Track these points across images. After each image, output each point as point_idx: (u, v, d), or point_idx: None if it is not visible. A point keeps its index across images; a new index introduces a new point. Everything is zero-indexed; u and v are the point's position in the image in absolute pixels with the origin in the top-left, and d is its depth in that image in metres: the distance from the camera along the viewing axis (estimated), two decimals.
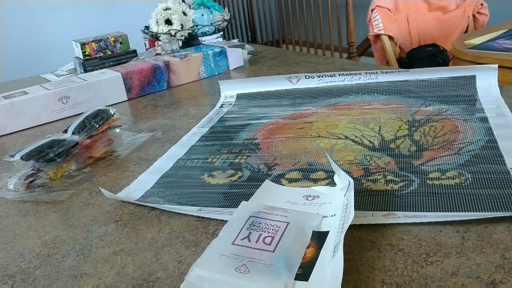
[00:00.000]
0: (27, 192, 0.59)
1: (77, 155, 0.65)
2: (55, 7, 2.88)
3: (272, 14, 3.85)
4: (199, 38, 1.30)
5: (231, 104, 0.86)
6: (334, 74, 0.84)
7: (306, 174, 0.55)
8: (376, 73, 0.82)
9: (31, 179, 0.61)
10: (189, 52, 1.12)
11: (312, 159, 0.59)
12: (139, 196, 0.55)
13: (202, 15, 1.29)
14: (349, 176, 0.47)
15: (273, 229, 0.42)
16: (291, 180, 0.55)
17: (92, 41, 1.22)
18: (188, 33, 1.27)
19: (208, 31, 1.31)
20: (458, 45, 1.74)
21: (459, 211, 0.44)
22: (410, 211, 0.45)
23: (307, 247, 0.40)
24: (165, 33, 1.25)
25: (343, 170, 0.51)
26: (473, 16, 2.27)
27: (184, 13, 1.25)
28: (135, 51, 1.29)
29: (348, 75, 0.83)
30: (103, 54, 1.24)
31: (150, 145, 0.72)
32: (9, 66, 2.58)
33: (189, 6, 1.29)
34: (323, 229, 0.43)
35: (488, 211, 0.43)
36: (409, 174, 0.52)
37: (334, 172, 0.53)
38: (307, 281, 0.37)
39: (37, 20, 2.86)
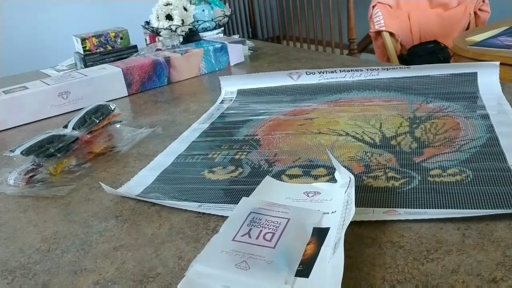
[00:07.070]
0: (27, 187, 0.59)
1: (77, 150, 0.65)
2: (55, 2, 2.88)
3: (272, 10, 3.85)
4: (200, 33, 1.29)
5: (231, 100, 0.86)
6: (335, 71, 0.84)
7: (306, 171, 0.55)
8: (377, 69, 0.82)
9: (31, 174, 0.60)
10: (190, 48, 1.11)
11: (313, 155, 0.59)
12: (139, 192, 0.55)
13: (203, 10, 1.29)
14: (350, 172, 0.47)
15: (273, 226, 0.42)
16: (291, 177, 0.54)
17: (93, 36, 1.22)
18: (189, 29, 1.27)
19: (209, 27, 1.30)
20: (459, 42, 1.73)
21: (460, 208, 0.44)
22: (411, 208, 0.45)
23: (308, 244, 0.40)
24: (166, 28, 1.24)
25: (343, 166, 0.50)
26: (475, 13, 2.26)
27: (185, 9, 1.25)
28: (135, 46, 1.29)
29: (349, 71, 0.83)
30: (103, 49, 1.24)
31: (151, 140, 0.72)
32: (9, 60, 2.58)
33: (190, 2, 1.29)
34: (324, 225, 0.43)
35: (489, 208, 0.43)
36: (410, 171, 0.52)
37: (335, 168, 0.53)
38: (308, 277, 0.36)
39: (37, 15, 2.85)
